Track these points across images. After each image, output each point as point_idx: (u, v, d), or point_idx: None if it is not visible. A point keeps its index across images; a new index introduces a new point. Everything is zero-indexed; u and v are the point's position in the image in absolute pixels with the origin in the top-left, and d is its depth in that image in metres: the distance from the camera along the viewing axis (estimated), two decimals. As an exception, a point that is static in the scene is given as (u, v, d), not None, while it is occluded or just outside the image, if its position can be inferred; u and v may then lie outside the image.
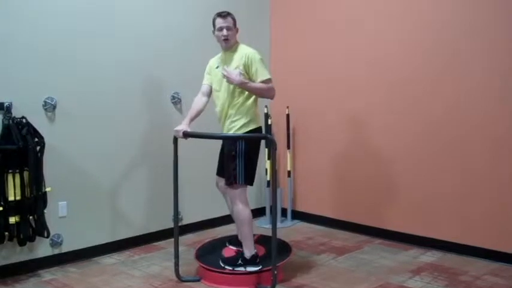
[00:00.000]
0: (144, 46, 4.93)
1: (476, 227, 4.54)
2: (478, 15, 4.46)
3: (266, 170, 5.70)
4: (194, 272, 4.23)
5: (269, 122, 5.62)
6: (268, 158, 5.51)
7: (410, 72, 4.89)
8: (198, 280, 4.06)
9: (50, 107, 4.30)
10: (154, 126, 5.02)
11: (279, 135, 5.81)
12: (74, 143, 4.48)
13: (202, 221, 5.51)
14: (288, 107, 5.74)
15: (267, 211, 5.87)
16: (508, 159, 4.34)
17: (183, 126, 4.01)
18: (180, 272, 4.09)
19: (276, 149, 4.03)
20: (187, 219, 5.35)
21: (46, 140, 4.12)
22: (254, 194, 5.92)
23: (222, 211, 5.61)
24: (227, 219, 5.64)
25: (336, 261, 4.53)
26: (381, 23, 5.08)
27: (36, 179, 4.03)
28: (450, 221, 4.70)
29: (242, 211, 4.01)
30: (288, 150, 5.79)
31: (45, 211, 4.13)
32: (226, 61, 4.07)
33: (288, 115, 5.74)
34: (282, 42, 6.00)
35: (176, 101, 5.18)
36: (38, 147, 4.07)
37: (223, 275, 3.94)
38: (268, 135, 4.50)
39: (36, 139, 4.07)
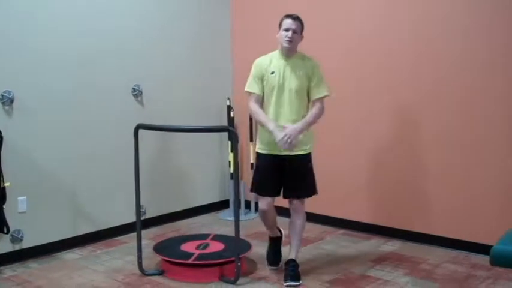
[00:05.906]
0: (105, 37, 4.86)
1: (437, 216, 4.63)
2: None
3: (229, 162, 5.70)
4: (157, 265, 4.22)
5: (231, 115, 5.61)
6: (231, 151, 5.51)
7: (383, 68, 4.95)
8: (162, 273, 4.05)
9: (7, 101, 4.21)
10: (114, 119, 4.95)
11: (241, 127, 5.80)
12: (33, 137, 4.40)
13: (164, 214, 5.48)
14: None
15: (231, 204, 5.87)
16: (470, 150, 4.45)
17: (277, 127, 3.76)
18: (143, 266, 4.07)
19: (238, 142, 4.05)
20: (150, 213, 5.31)
21: (4, 134, 4.03)
22: (218, 187, 5.93)
23: (185, 204, 5.62)
24: (189, 213, 5.65)
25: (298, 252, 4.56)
26: (353, 13, 5.11)
27: (-6, 174, 3.96)
28: (411, 210, 4.78)
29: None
30: (251, 143, 5.79)
31: (4, 206, 4.05)
32: (290, 67, 3.84)
33: (250, 107, 5.73)
34: (244, 33, 5.96)
35: (137, 93, 5.12)
36: (-4, 142, 3.99)
37: (187, 267, 3.94)
38: (230, 128, 4.51)
39: (-7, 133, 3.99)
